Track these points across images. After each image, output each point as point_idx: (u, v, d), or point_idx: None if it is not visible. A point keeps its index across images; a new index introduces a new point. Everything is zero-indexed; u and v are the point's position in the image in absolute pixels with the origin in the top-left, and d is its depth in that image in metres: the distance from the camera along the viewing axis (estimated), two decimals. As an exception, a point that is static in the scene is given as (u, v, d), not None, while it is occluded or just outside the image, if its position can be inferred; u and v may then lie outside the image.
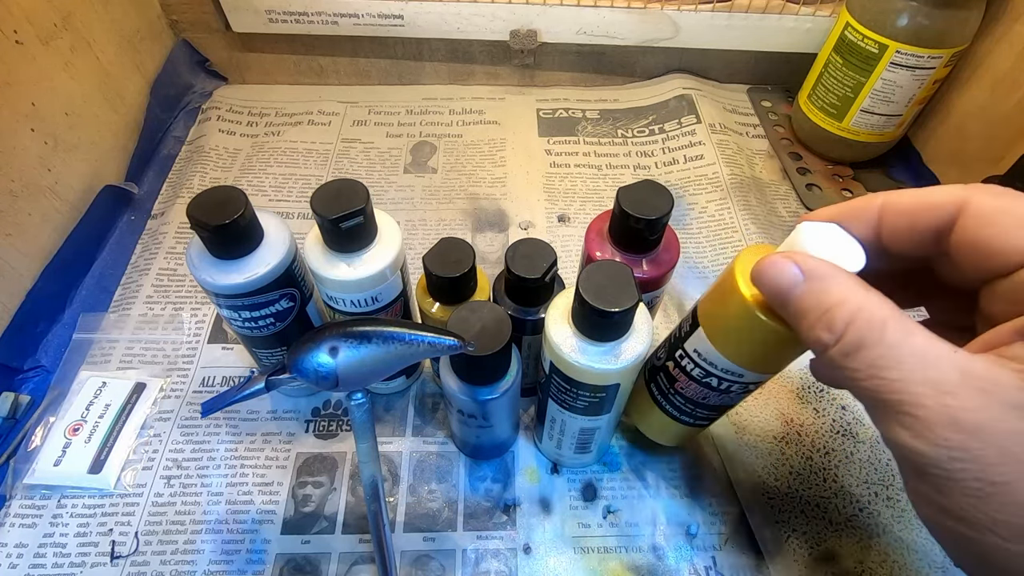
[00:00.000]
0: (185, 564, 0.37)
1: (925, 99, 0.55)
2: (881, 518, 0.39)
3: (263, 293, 0.33)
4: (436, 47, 0.67)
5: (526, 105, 0.69)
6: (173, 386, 0.44)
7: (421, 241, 0.55)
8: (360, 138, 0.64)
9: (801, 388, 0.45)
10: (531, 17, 0.63)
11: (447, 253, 0.34)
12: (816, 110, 0.60)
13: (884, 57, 0.52)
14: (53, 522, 0.38)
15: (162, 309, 0.49)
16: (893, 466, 0.41)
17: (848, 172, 0.61)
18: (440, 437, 0.42)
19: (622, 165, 0.62)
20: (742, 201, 0.57)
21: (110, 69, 0.57)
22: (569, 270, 0.52)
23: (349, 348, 0.24)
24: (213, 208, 0.30)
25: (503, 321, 0.31)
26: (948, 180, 0.57)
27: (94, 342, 0.46)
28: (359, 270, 0.33)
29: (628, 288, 0.27)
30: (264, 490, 0.40)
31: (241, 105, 0.67)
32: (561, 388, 0.32)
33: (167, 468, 0.40)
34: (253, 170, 0.60)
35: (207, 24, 0.65)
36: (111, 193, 0.55)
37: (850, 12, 0.54)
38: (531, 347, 0.38)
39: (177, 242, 0.53)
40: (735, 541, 0.38)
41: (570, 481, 0.40)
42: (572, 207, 0.58)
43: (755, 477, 0.40)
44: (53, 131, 0.50)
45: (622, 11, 0.61)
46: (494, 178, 0.61)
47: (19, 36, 0.47)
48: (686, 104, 0.67)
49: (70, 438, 0.40)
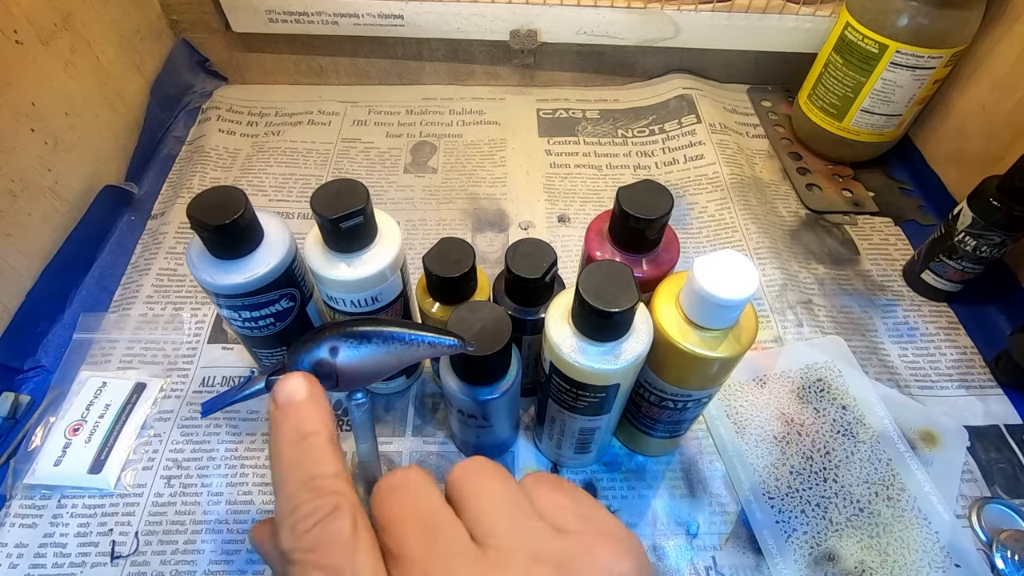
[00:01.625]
0: (185, 564, 0.37)
1: (925, 99, 0.55)
2: (881, 518, 0.39)
3: (263, 293, 0.33)
4: (436, 47, 0.67)
5: (526, 105, 0.69)
6: (173, 386, 0.44)
7: (421, 241, 0.55)
8: (360, 138, 0.64)
9: (801, 388, 0.45)
10: (531, 17, 0.63)
11: (447, 253, 0.34)
12: (816, 110, 0.60)
13: (884, 57, 0.52)
14: (53, 522, 0.38)
15: (162, 309, 0.49)
16: (893, 466, 0.41)
17: (848, 172, 0.61)
18: (440, 437, 0.42)
19: (622, 165, 0.62)
20: (742, 201, 0.57)
21: (110, 69, 0.57)
22: (569, 270, 0.52)
23: (349, 348, 0.24)
24: (213, 208, 0.30)
25: (503, 321, 0.31)
26: (948, 180, 0.57)
27: (94, 342, 0.46)
28: (359, 270, 0.33)
29: (628, 288, 0.27)
30: (264, 490, 0.40)
31: (241, 105, 0.67)
32: (561, 388, 0.32)
33: (167, 468, 0.40)
34: (253, 170, 0.60)
35: (207, 24, 0.65)
36: (111, 193, 0.55)
37: (850, 12, 0.54)
38: (531, 347, 0.38)
39: (177, 242, 0.53)
40: (735, 541, 0.38)
41: (570, 481, 0.40)
42: (572, 207, 0.58)
43: (755, 477, 0.40)
44: (53, 131, 0.50)
45: (622, 11, 0.61)
46: (494, 178, 0.61)
47: (19, 36, 0.47)
48: (686, 104, 0.67)
49: (70, 438, 0.40)
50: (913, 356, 0.47)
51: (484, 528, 0.18)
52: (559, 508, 0.19)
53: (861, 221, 0.57)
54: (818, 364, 0.46)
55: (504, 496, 0.19)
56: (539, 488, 0.20)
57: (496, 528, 0.18)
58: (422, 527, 0.18)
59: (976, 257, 0.46)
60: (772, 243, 0.54)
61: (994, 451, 0.42)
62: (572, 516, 0.19)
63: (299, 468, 0.19)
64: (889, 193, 0.60)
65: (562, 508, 0.20)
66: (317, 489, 0.18)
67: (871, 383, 0.45)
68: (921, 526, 0.38)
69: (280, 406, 0.20)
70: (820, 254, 0.55)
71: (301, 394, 0.20)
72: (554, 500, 0.20)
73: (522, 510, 0.19)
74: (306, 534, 0.17)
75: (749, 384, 0.45)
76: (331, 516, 0.17)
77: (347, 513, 0.17)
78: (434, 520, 0.18)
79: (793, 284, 0.51)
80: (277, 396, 0.20)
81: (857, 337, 0.48)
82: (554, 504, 0.20)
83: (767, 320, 0.49)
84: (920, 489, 0.40)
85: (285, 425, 0.20)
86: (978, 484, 0.41)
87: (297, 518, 0.17)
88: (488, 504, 0.19)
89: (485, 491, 0.19)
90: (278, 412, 0.20)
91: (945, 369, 0.47)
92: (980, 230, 0.44)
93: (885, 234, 0.56)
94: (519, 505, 0.19)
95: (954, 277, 0.48)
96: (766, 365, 0.46)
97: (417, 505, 0.19)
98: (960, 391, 0.45)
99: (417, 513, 0.18)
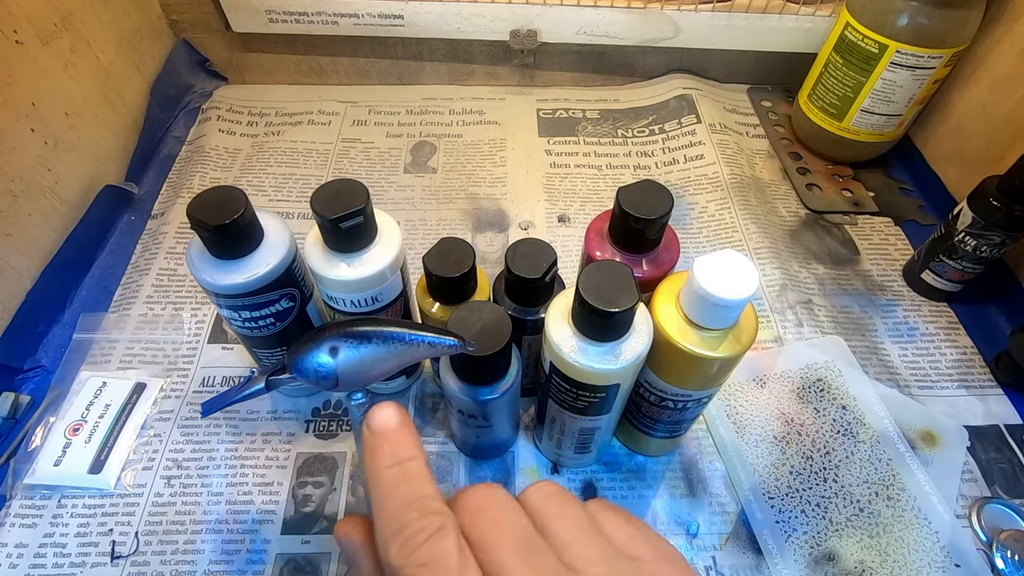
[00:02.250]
0: (185, 564, 0.37)
1: (925, 99, 0.55)
2: (881, 518, 0.39)
3: (263, 293, 0.33)
4: (436, 47, 0.67)
5: (526, 105, 0.69)
6: (173, 386, 0.44)
7: (421, 241, 0.55)
8: (360, 138, 0.64)
9: (801, 388, 0.45)
10: (531, 17, 0.63)
11: (447, 253, 0.34)
12: (816, 110, 0.60)
13: (884, 57, 0.52)
14: (53, 522, 0.38)
15: (162, 309, 0.49)
16: (893, 466, 0.41)
17: (848, 172, 0.61)
18: (440, 437, 0.42)
19: (622, 165, 0.62)
20: (742, 201, 0.57)
21: (110, 69, 0.57)
22: (569, 270, 0.52)
23: (349, 348, 0.24)
24: (213, 208, 0.30)
25: (503, 321, 0.31)
26: (948, 179, 0.57)
27: (94, 342, 0.46)
28: (359, 270, 0.33)
29: (628, 288, 0.27)
30: (264, 490, 0.40)
31: (241, 105, 0.67)
32: (561, 388, 0.32)
33: (167, 468, 0.40)
34: (253, 170, 0.60)
35: (207, 24, 0.65)
36: (111, 193, 0.55)
37: (850, 12, 0.54)
38: (531, 347, 0.38)
39: (177, 242, 0.53)
40: (735, 541, 0.38)
41: (570, 481, 0.40)
42: (572, 207, 0.58)
43: (755, 477, 0.40)
44: (53, 131, 0.50)
45: (622, 11, 0.61)
46: (494, 178, 0.61)
47: (19, 36, 0.47)
48: (686, 104, 0.67)
49: (70, 438, 0.40)
50: (913, 356, 0.47)
51: (574, 555, 0.19)
52: (631, 537, 0.21)
53: (861, 221, 0.57)
54: (818, 364, 0.46)
55: (586, 523, 0.21)
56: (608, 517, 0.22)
57: (587, 556, 0.19)
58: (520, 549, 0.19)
59: (976, 257, 0.46)
60: (772, 243, 0.54)
61: (994, 451, 0.42)
62: (643, 544, 0.21)
63: (401, 490, 0.20)
64: (889, 193, 0.60)
65: (633, 537, 0.21)
66: (423, 509, 0.19)
67: (871, 383, 0.45)
68: (921, 526, 0.38)
69: (376, 432, 0.21)
70: (820, 254, 0.55)
71: (394, 421, 0.22)
72: (625, 529, 0.21)
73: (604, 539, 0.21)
74: (417, 550, 0.18)
75: (749, 384, 0.45)
76: (439, 534, 0.18)
77: (453, 533, 0.18)
78: (530, 542, 0.19)
79: (793, 284, 0.51)
80: (372, 423, 0.22)
81: (857, 337, 0.48)
82: (627, 534, 0.21)
83: (767, 320, 0.49)
84: (920, 489, 0.40)
85: (382, 450, 0.21)
86: (978, 484, 0.41)
87: (407, 535, 0.18)
88: (573, 532, 0.20)
89: (568, 517, 0.21)
90: (374, 438, 0.21)
91: (945, 369, 0.47)
92: (980, 230, 0.44)
93: (885, 234, 0.56)
94: (600, 535, 0.21)
95: (954, 277, 0.48)
96: (766, 365, 0.46)
97: (511, 526, 0.20)
98: (960, 391, 0.45)
99: (513, 534, 0.19)
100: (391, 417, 0.22)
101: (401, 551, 0.18)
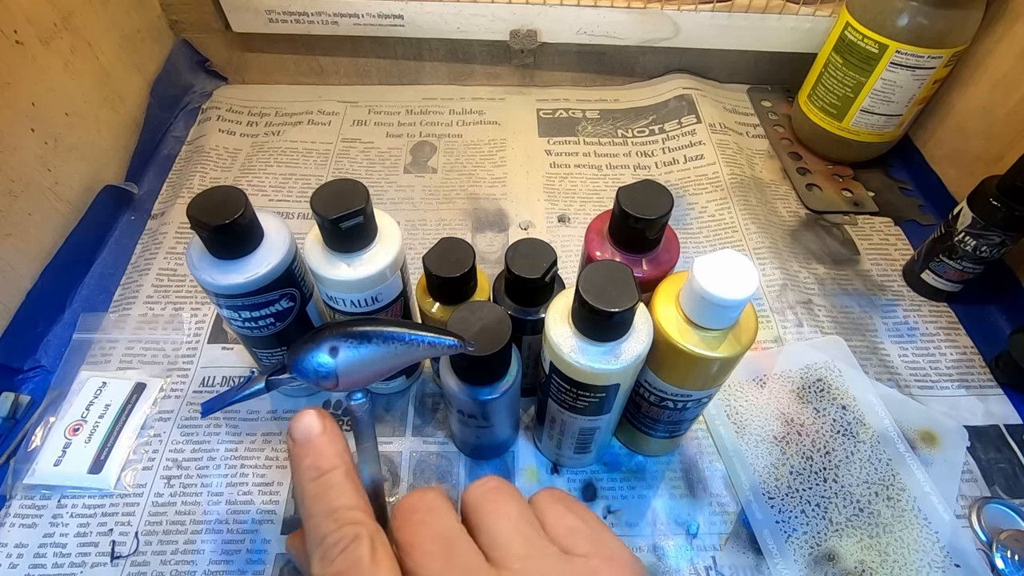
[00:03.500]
0: (185, 564, 0.37)
1: (925, 99, 0.55)
2: (881, 518, 0.39)
3: (263, 293, 0.33)
4: (436, 47, 0.67)
5: (526, 105, 0.69)
6: (173, 386, 0.44)
7: (421, 241, 0.55)
8: (360, 138, 0.64)
9: (801, 388, 0.45)
10: (531, 17, 0.63)
11: (447, 253, 0.34)
12: (816, 110, 0.60)
13: (884, 57, 0.52)
14: (53, 522, 0.38)
15: (162, 309, 0.49)
16: (893, 466, 0.41)
17: (848, 172, 0.61)
18: (440, 437, 0.42)
19: (622, 165, 0.62)
20: (742, 201, 0.57)
21: (110, 69, 0.57)
22: (569, 270, 0.52)
23: (349, 348, 0.24)
24: (213, 208, 0.30)
25: (503, 321, 0.31)
26: (948, 179, 0.57)
27: (94, 342, 0.46)
28: (359, 270, 0.33)
29: (628, 288, 0.27)
30: (264, 490, 0.40)
31: (241, 105, 0.67)
32: (561, 388, 0.32)
33: (167, 468, 0.40)
34: (253, 170, 0.60)
35: (207, 24, 0.65)
36: (111, 193, 0.55)
37: (850, 12, 0.54)
38: (531, 347, 0.38)
39: (177, 242, 0.53)
40: (735, 541, 0.38)
41: (570, 481, 0.40)
42: (572, 207, 0.58)
43: (755, 477, 0.40)
44: (53, 131, 0.50)
45: (622, 11, 0.61)
46: (494, 178, 0.61)
47: (19, 36, 0.47)
48: (686, 104, 0.67)
49: (70, 438, 0.40)
50: (913, 356, 0.47)
51: (499, 551, 0.20)
52: (570, 531, 0.21)
53: (861, 221, 0.57)
54: (818, 364, 0.46)
55: (519, 519, 0.21)
56: (552, 509, 0.22)
57: (511, 551, 0.20)
58: (440, 549, 0.20)
59: (976, 257, 0.46)
60: (772, 243, 0.54)
61: (994, 451, 0.42)
62: (582, 539, 0.21)
63: (321, 501, 0.20)
64: (889, 193, 0.60)
65: (573, 531, 0.21)
66: (340, 520, 0.20)
67: (871, 383, 0.45)
68: (921, 526, 0.38)
69: (298, 443, 0.22)
70: (820, 254, 0.55)
71: (316, 430, 0.22)
72: (566, 522, 0.21)
73: (535, 532, 0.21)
74: (333, 562, 0.19)
75: (749, 384, 0.45)
76: (354, 544, 0.19)
77: (366, 541, 0.19)
78: (451, 542, 0.20)
79: (793, 284, 0.51)
80: (294, 433, 0.22)
81: (857, 337, 0.48)
82: (566, 526, 0.21)
83: (767, 320, 0.49)
84: (920, 489, 0.40)
85: (304, 462, 0.21)
86: (978, 484, 0.41)
87: (325, 548, 0.19)
88: (503, 527, 0.20)
89: (501, 514, 0.21)
90: (297, 449, 0.22)
91: (945, 369, 0.47)
92: (980, 230, 0.44)
93: (885, 234, 0.56)
94: (532, 527, 0.21)
95: (954, 277, 0.48)
96: (766, 365, 0.46)
97: (433, 527, 0.20)
98: (960, 391, 0.45)
99: (434, 535, 0.20)
100: (312, 425, 0.22)
101: (320, 563, 0.19)
